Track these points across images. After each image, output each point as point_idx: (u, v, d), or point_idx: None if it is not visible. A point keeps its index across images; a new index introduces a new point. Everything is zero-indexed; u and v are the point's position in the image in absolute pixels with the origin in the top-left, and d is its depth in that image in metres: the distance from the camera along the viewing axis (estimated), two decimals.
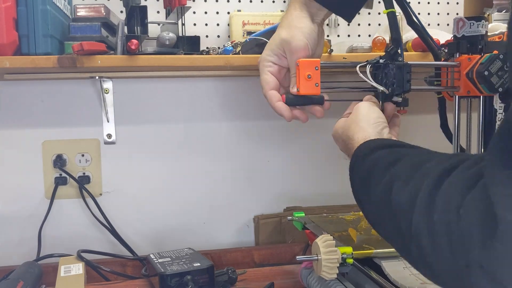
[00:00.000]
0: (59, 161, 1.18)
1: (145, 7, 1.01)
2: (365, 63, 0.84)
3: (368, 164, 0.65)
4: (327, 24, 1.28)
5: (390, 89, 0.82)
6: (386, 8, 0.84)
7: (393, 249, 0.84)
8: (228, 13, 1.22)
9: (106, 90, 1.17)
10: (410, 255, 0.54)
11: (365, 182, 0.64)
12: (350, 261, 0.82)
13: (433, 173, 0.50)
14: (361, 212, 1.08)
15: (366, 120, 0.75)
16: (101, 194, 1.22)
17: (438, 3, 1.33)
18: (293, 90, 0.84)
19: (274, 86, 0.86)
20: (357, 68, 0.83)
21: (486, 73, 0.80)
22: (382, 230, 0.63)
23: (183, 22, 1.07)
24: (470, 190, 0.45)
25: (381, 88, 0.82)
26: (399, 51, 0.83)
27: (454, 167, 0.49)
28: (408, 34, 1.10)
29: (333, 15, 1.27)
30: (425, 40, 0.92)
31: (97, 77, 1.15)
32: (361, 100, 0.86)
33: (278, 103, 0.84)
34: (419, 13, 1.17)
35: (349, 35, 1.30)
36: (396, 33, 0.83)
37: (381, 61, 0.83)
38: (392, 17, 0.84)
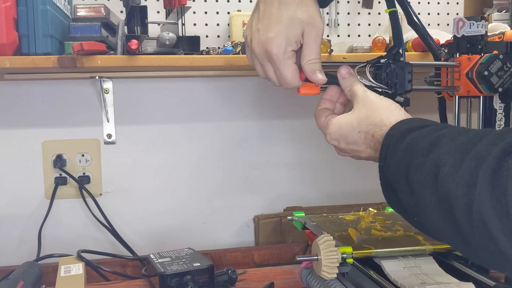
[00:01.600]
0: (59, 161, 1.18)
1: (145, 7, 1.01)
2: (366, 63, 0.83)
3: (402, 151, 0.60)
4: (327, 24, 1.28)
5: (393, 89, 0.82)
6: (388, 8, 0.84)
7: (393, 249, 0.85)
8: (228, 13, 1.22)
9: (106, 90, 1.17)
10: (467, 244, 0.51)
11: (400, 171, 0.59)
12: (350, 261, 0.82)
13: (492, 155, 0.48)
14: (361, 212, 1.09)
15: (387, 105, 0.70)
16: (101, 194, 1.22)
17: (438, 3, 1.33)
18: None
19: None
20: (357, 69, 0.83)
21: (486, 73, 0.80)
22: (424, 220, 0.58)
23: (183, 22, 1.07)
24: None
25: (384, 88, 0.82)
26: (400, 51, 0.83)
27: None
28: (408, 34, 1.10)
29: (334, 15, 1.28)
30: (425, 40, 0.92)
31: (97, 77, 1.16)
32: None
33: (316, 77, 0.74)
34: (419, 13, 1.17)
35: (349, 35, 1.30)
36: (398, 32, 0.83)
37: (382, 61, 0.83)
38: (394, 17, 0.83)
